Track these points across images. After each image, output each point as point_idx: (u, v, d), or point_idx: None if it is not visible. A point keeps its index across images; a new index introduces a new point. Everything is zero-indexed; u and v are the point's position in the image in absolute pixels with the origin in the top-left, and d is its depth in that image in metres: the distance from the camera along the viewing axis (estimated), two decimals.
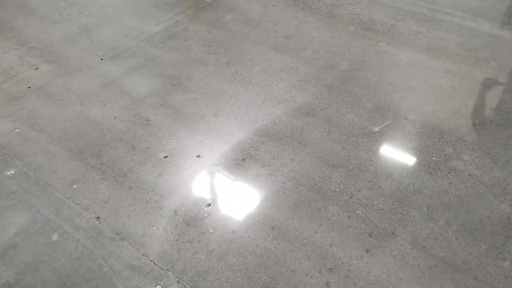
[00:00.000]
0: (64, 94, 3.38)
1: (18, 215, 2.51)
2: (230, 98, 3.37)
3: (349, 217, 2.52)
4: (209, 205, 2.57)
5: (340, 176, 2.77)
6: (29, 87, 3.44)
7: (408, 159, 2.87)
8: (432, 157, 2.90)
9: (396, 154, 2.91)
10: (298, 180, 2.74)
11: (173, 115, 3.20)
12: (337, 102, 3.32)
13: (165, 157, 2.87)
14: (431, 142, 3.00)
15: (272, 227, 2.46)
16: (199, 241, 2.39)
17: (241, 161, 2.86)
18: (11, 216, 2.50)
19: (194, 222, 2.48)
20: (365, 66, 3.66)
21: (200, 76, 3.58)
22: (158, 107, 3.27)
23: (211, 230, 2.44)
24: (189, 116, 3.19)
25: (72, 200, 2.59)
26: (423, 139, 3.02)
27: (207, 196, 2.62)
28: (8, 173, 2.75)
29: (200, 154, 2.89)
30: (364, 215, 2.53)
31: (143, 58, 3.76)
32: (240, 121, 3.16)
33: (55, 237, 2.39)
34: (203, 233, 2.43)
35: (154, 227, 2.45)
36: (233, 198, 2.61)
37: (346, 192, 2.67)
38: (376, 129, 3.11)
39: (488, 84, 3.47)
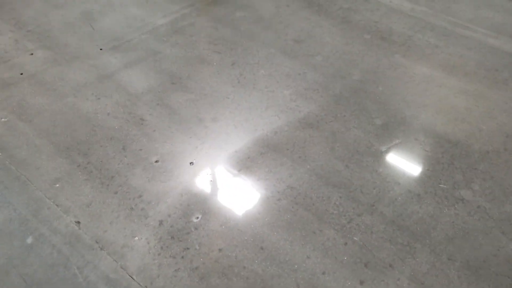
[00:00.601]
0: (57, 84, 3.22)
1: None
2: (231, 103, 3.19)
3: (346, 243, 2.35)
4: (198, 218, 2.41)
5: (340, 197, 2.59)
6: (22, 74, 3.28)
7: (414, 184, 2.69)
8: (440, 184, 2.71)
9: (402, 178, 2.73)
10: (295, 198, 2.56)
11: (169, 116, 3.03)
12: (344, 116, 3.14)
13: (156, 161, 2.71)
14: (440, 167, 2.81)
15: (262, 248, 2.29)
16: (182, 257, 2.22)
17: (237, 172, 2.68)
18: None
19: (179, 235, 2.32)
20: (377, 78, 3.47)
21: (202, 76, 3.40)
22: (154, 106, 3.10)
23: (197, 247, 2.27)
24: (186, 118, 3.02)
25: (53, 200, 2.43)
26: (431, 164, 2.83)
27: (197, 208, 2.46)
28: None
29: (194, 161, 2.72)
30: (362, 243, 2.36)
31: (145, 52, 3.58)
32: (239, 129, 2.99)
33: (30, 240, 2.24)
34: (187, 248, 2.26)
35: (137, 238, 2.29)
36: (224, 213, 2.44)
37: (345, 215, 2.49)
38: (383, 149, 2.92)
39: (505, 108, 3.27)
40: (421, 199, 2.62)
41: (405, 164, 2.82)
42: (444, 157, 2.88)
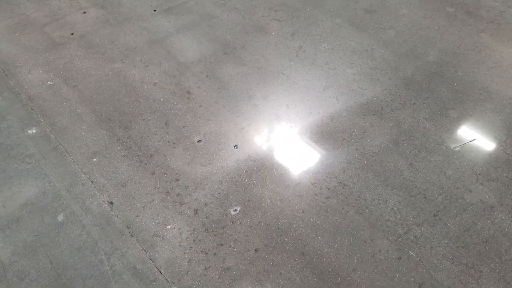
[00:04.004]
0: (106, 47, 3.06)
1: (30, 183, 2.28)
2: (287, 79, 2.89)
3: (399, 258, 2.06)
4: (236, 210, 2.20)
5: (399, 201, 2.27)
6: (72, 34, 3.15)
7: (488, 194, 2.31)
8: None
9: (474, 185, 2.35)
10: (346, 198, 2.28)
11: (218, 90, 2.79)
12: (414, 103, 2.75)
13: (198, 141, 2.51)
14: None
15: (303, 254, 2.06)
16: (215, 254, 2.04)
17: (284, 161, 2.43)
18: (22, 184, 2.27)
19: (214, 229, 2.13)
20: (457, 61, 3.01)
21: (258, 47, 3.11)
22: (203, 78, 2.87)
23: (231, 244, 2.08)
24: (235, 94, 2.78)
25: (88, 176, 2.32)
26: None
27: (236, 198, 2.25)
28: (29, 131, 2.52)
29: (238, 144, 2.50)
30: (418, 259, 2.06)
31: (199, 16, 3.33)
32: (292, 110, 2.70)
33: (61, 217, 2.14)
34: (221, 244, 2.08)
35: (169, 227, 2.13)
36: (265, 207, 2.22)
37: (402, 224, 2.18)
38: (456, 147, 2.53)
39: None
40: (494, 212, 2.24)
41: (480, 167, 2.43)
42: None
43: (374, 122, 2.65)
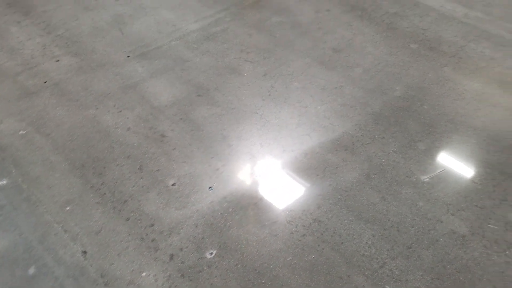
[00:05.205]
0: (80, 94, 3.09)
1: (0, 236, 2.24)
2: (260, 119, 2.95)
3: None
4: (212, 253, 2.20)
5: (373, 235, 2.31)
6: (45, 82, 3.18)
7: (458, 223, 2.36)
8: (490, 224, 2.37)
9: (445, 215, 2.40)
10: (322, 234, 2.30)
11: (192, 132, 2.83)
12: (383, 137, 2.83)
13: (173, 185, 2.52)
14: (490, 203, 2.46)
15: None
16: None
17: (258, 200, 2.45)
18: None
19: (190, 273, 2.12)
20: (423, 95, 3.12)
21: (231, 88, 3.18)
22: (177, 120, 2.91)
23: None
24: (209, 135, 2.82)
25: (61, 225, 2.30)
26: (481, 199, 2.49)
27: (211, 241, 2.25)
28: (0, 183, 2.49)
29: (213, 186, 2.51)
30: None
31: (173, 60, 3.40)
32: (266, 148, 2.75)
33: (33, 270, 2.11)
34: None
35: (144, 274, 2.11)
36: (241, 249, 2.22)
37: (377, 258, 2.21)
38: (426, 178, 2.60)
39: None
40: (466, 242, 2.29)
41: (450, 198, 2.49)
42: (496, 191, 2.53)
43: (346, 157, 2.71)
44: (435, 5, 4.00)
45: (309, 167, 2.65)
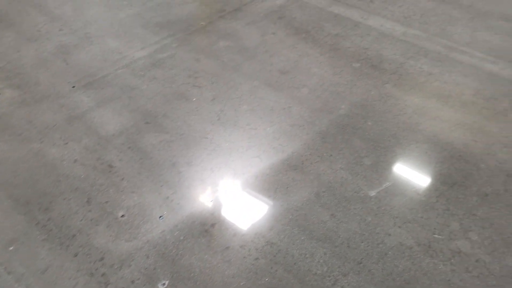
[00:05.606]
0: (23, 128, 3.01)
1: None
2: (210, 143, 2.96)
3: None
4: (164, 284, 2.16)
5: (325, 253, 2.35)
6: None
7: (405, 236, 2.44)
8: (435, 234, 2.47)
9: (393, 228, 2.48)
10: (275, 256, 2.32)
11: (140, 161, 2.81)
12: (331, 155, 2.90)
13: (122, 216, 2.48)
14: (434, 214, 2.56)
15: None
16: None
17: (210, 226, 2.45)
18: None
19: None
20: (366, 112, 3.23)
21: (180, 114, 3.18)
22: (125, 150, 2.88)
23: None
24: (158, 163, 2.80)
25: (4, 267, 2.21)
26: (426, 209, 2.59)
27: (164, 272, 2.22)
28: None
29: (164, 215, 2.49)
30: None
31: (119, 88, 3.37)
32: (216, 173, 2.76)
33: None
34: None
35: None
36: (194, 277, 2.20)
37: (329, 276, 2.24)
38: (373, 193, 2.68)
39: (505, 142, 3.02)
40: (413, 253, 2.37)
41: (396, 211, 2.58)
42: (439, 201, 2.64)
43: (296, 177, 2.76)
44: (375, 24, 4.18)
45: (261, 189, 2.68)
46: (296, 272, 2.25)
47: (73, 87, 3.38)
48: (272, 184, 2.71)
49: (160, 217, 2.47)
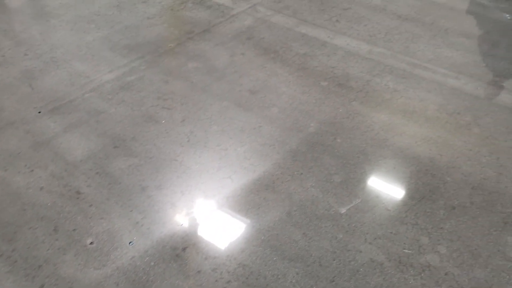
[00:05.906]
0: None
1: None
2: (180, 166, 2.95)
3: None
4: None
5: (297, 273, 2.34)
6: None
7: (376, 252, 2.47)
8: (404, 249, 2.50)
9: (363, 245, 2.50)
10: (247, 279, 2.30)
11: (109, 186, 2.76)
12: (301, 174, 2.93)
13: (91, 243, 2.42)
14: (404, 228, 2.60)
15: None
16: None
17: (181, 250, 2.42)
18: None
19: None
20: (335, 130, 3.28)
21: (149, 137, 3.16)
22: (93, 175, 2.83)
23: None
24: (127, 188, 2.76)
25: None
26: (395, 225, 2.62)
27: None
28: None
29: (133, 241, 2.45)
30: None
31: (87, 113, 3.33)
32: (187, 196, 2.74)
33: None
34: None
35: None
36: None
37: None
38: (343, 210, 2.71)
39: (469, 155, 3.11)
40: (384, 269, 2.39)
41: (366, 227, 2.61)
42: (408, 216, 2.68)
43: (268, 197, 2.76)
44: (342, 44, 4.28)
45: (232, 210, 2.67)
46: None
47: (39, 112, 3.32)
48: (244, 204, 2.71)
49: (130, 242, 2.43)
